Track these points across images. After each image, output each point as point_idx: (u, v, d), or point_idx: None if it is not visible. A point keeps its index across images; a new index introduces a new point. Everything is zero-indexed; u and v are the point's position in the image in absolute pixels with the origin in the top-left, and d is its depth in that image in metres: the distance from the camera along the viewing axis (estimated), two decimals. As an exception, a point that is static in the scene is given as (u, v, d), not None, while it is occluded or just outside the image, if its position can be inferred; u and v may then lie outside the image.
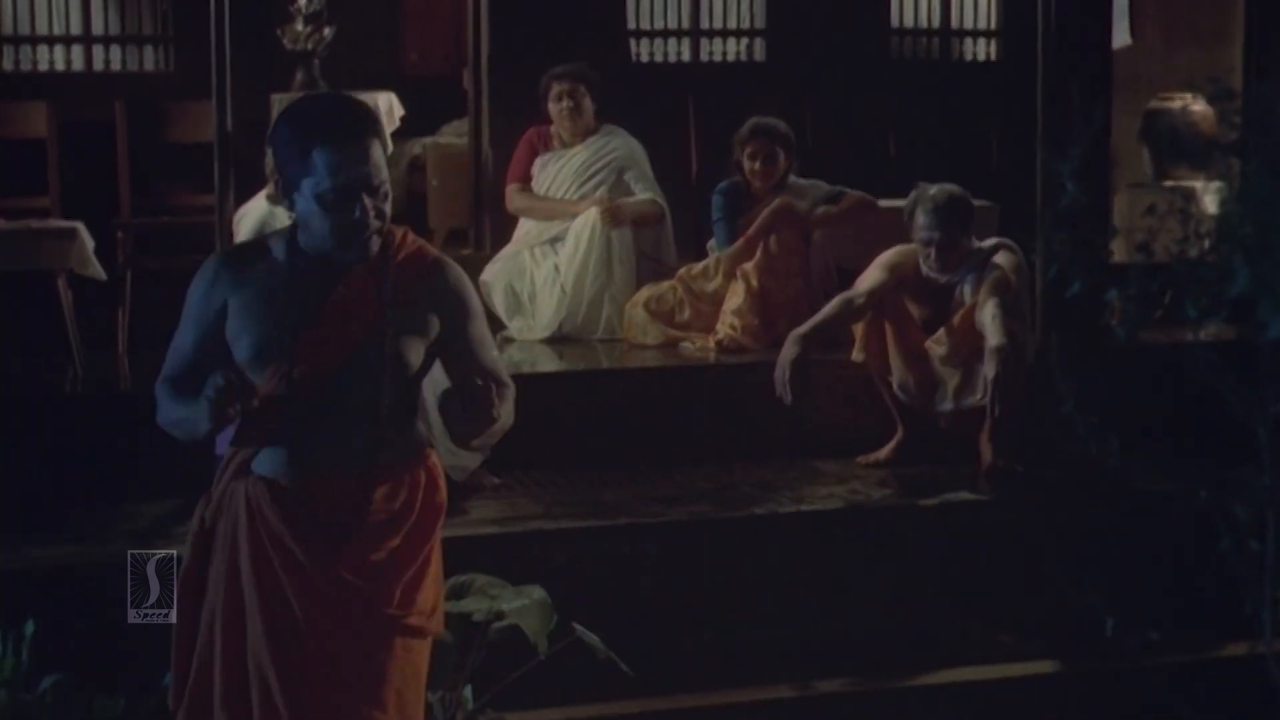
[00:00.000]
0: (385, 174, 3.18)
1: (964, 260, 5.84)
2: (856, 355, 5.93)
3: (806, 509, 5.44)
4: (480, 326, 3.34)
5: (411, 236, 3.32)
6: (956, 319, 5.79)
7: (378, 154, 3.17)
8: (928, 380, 5.84)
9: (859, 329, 5.90)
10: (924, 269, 5.87)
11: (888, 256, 5.94)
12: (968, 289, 5.83)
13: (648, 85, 8.18)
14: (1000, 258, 5.85)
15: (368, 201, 3.14)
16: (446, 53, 10.29)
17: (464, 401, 3.14)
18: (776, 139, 6.86)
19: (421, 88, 9.80)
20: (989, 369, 5.52)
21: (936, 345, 5.80)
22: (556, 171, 7.10)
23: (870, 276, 5.89)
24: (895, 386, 5.91)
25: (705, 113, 8.11)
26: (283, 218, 6.00)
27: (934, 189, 5.85)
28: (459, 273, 3.34)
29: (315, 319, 3.12)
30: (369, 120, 3.19)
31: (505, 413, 3.29)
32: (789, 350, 5.62)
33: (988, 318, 5.63)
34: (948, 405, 5.81)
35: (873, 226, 6.71)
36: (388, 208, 3.21)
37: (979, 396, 5.61)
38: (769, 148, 6.83)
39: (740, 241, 6.74)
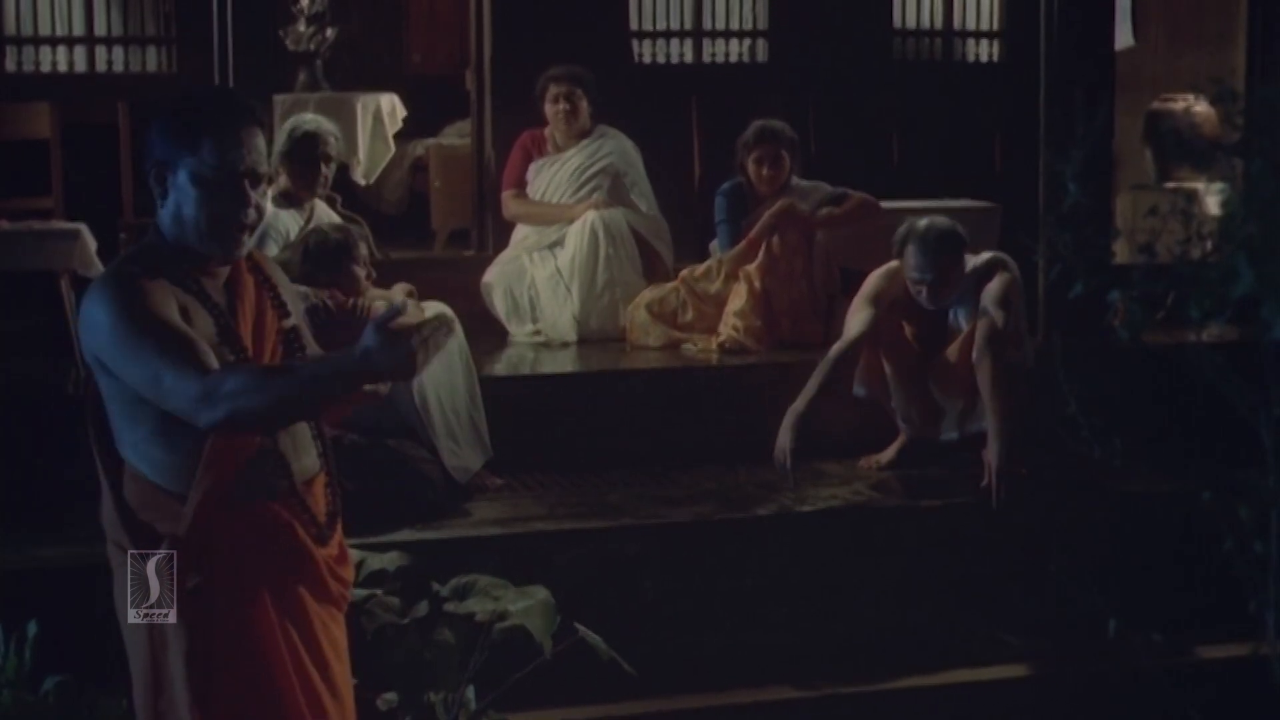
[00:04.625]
0: (267, 166, 3.09)
1: (957, 288, 5.76)
2: (857, 390, 5.86)
3: (809, 510, 5.43)
4: None
5: None
6: (951, 352, 5.71)
7: (263, 144, 3.07)
8: (931, 411, 5.81)
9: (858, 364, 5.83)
10: (915, 296, 5.78)
11: (872, 286, 5.80)
12: (962, 316, 5.77)
13: (650, 86, 8.18)
14: (991, 288, 5.67)
15: (250, 191, 3.03)
16: (449, 54, 10.28)
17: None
18: (781, 143, 6.85)
19: (424, 89, 9.80)
20: (990, 453, 5.41)
21: (934, 381, 5.74)
22: (551, 176, 7.10)
23: (858, 316, 5.73)
24: (899, 418, 5.87)
25: (708, 114, 8.11)
26: (285, 220, 6.08)
27: (923, 224, 5.70)
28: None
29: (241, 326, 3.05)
30: (255, 110, 3.13)
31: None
32: (785, 438, 5.44)
33: (985, 383, 5.49)
34: (953, 434, 5.78)
35: (876, 228, 6.70)
36: (265, 203, 3.13)
37: (985, 450, 5.49)
38: (774, 152, 6.83)
39: (742, 243, 6.73)
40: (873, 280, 5.83)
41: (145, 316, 2.90)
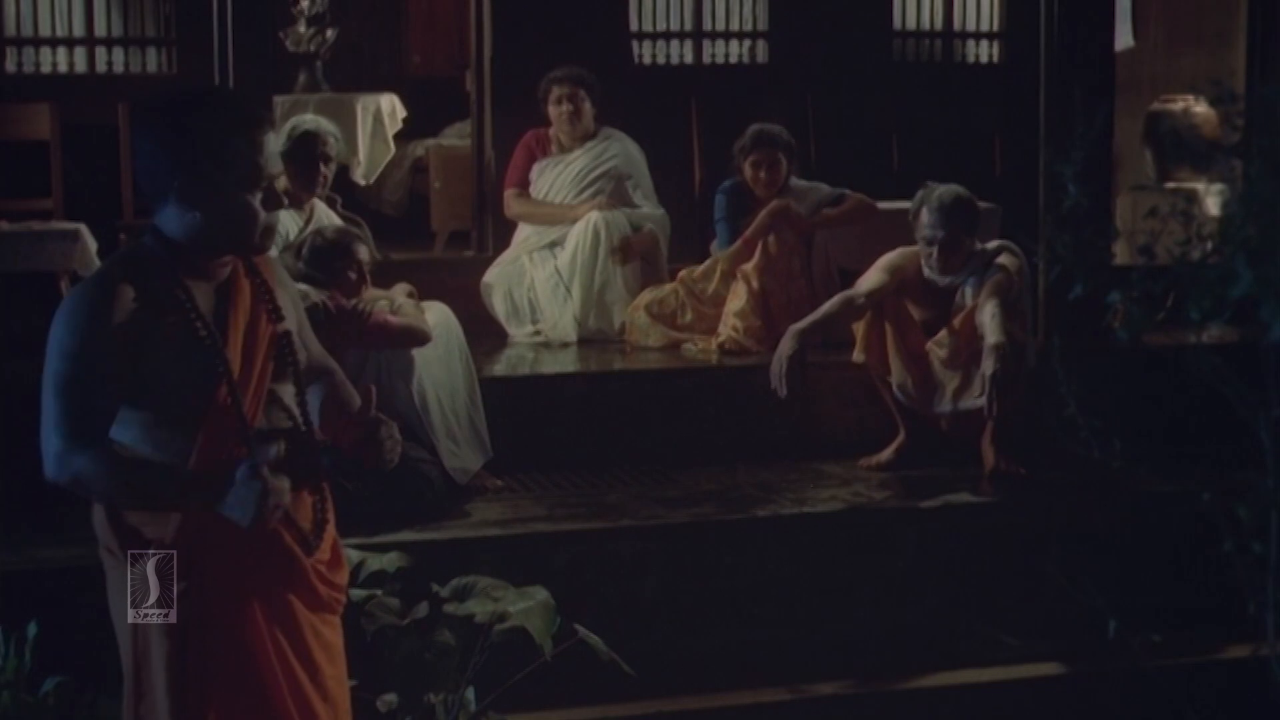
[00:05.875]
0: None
1: (966, 262, 5.85)
2: (857, 356, 5.94)
3: (809, 511, 5.43)
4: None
5: None
6: (957, 321, 5.79)
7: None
8: (927, 382, 5.84)
9: (859, 330, 5.90)
10: (926, 270, 5.87)
11: (889, 258, 5.94)
12: (969, 291, 5.84)
13: (650, 87, 8.19)
14: (1002, 259, 5.84)
15: (276, 192, 3.10)
16: (449, 55, 10.29)
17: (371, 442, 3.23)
18: (779, 147, 6.86)
19: (424, 90, 9.80)
20: (986, 366, 5.51)
21: (937, 348, 5.80)
22: (555, 177, 7.10)
23: (871, 278, 5.89)
24: (895, 387, 5.91)
25: (708, 114, 8.11)
26: (285, 220, 6.07)
27: (940, 189, 5.86)
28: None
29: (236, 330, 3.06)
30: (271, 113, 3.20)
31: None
32: (786, 345, 5.61)
33: (987, 317, 5.62)
34: (946, 407, 5.81)
35: (874, 228, 6.72)
36: None
37: (977, 395, 5.60)
38: (771, 155, 6.83)
39: (738, 242, 6.74)
40: (892, 254, 5.96)
41: (82, 346, 2.94)
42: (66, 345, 2.96)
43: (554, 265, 6.94)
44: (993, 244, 5.97)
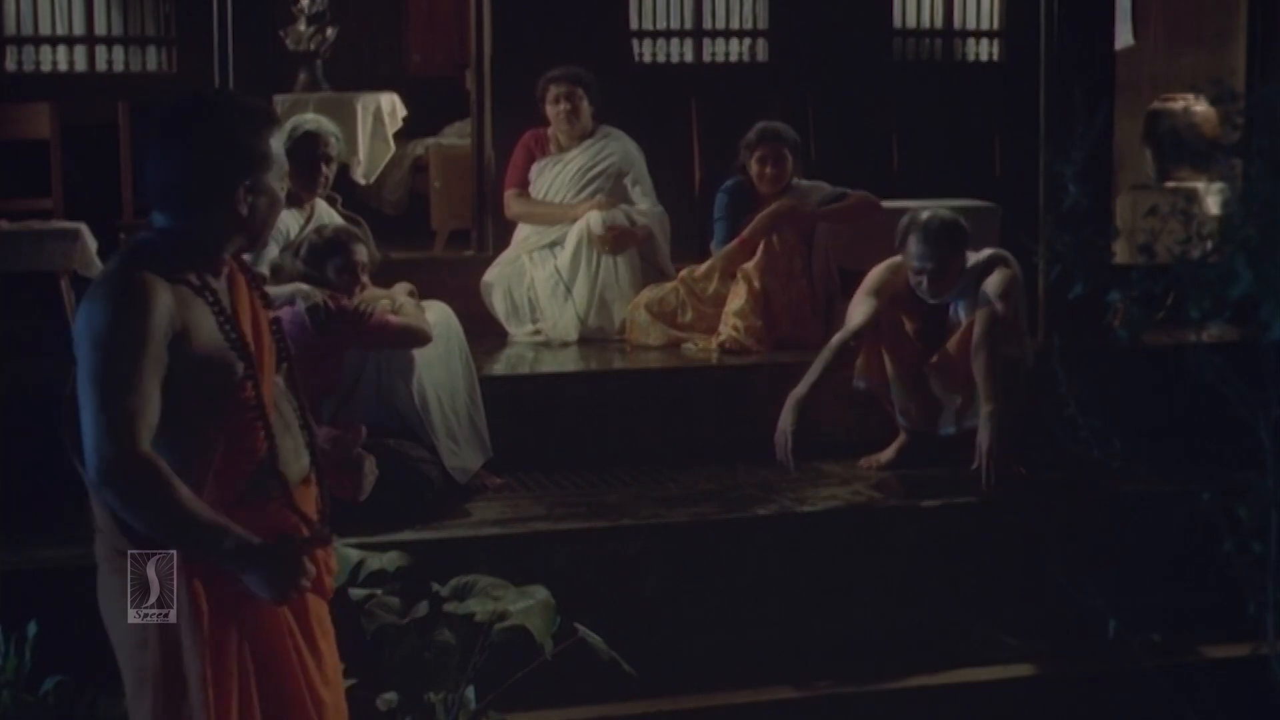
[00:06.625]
0: None
1: (957, 281, 5.78)
2: (858, 383, 5.88)
3: (809, 510, 5.43)
4: None
5: None
6: (951, 346, 5.72)
7: None
8: (930, 404, 5.81)
9: (857, 358, 5.84)
10: (916, 290, 5.80)
11: (875, 279, 5.84)
12: (962, 310, 5.78)
13: (650, 86, 8.18)
14: (992, 280, 5.70)
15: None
16: (449, 53, 10.29)
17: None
18: (785, 143, 6.85)
19: (424, 88, 9.80)
20: (982, 437, 5.42)
21: (934, 375, 5.74)
22: (554, 176, 7.09)
23: (860, 308, 5.78)
24: (897, 412, 5.88)
25: (708, 113, 8.11)
26: (286, 219, 6.06)
27: (926, 214, 5.75)
28: None
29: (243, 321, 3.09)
30: None
31: None
32: (788, 419, 5.51)
33: (981, 370, 5.53)
34: (951, 429, 5.78)
35: (875, 228, 6.71)
36: None
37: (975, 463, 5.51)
38: (777, 152, 6.83)
39: (734, 242, 6.74)
40: (876, 273, 5.87)
41: (129, 342, 2.88)
42: (110, 344, 2.89)
43: (554, 265, 6.94)
44: (984, 254, 5.84)
